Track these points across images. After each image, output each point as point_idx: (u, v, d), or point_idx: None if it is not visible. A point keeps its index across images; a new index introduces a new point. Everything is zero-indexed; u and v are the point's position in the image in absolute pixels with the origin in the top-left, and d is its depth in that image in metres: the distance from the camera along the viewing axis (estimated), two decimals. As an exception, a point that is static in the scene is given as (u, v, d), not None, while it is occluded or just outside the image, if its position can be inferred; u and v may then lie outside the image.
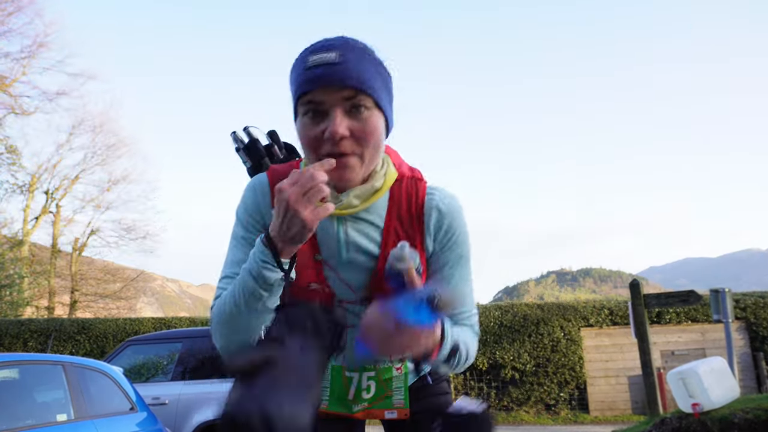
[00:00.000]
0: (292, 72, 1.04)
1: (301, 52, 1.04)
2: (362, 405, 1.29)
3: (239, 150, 1.47)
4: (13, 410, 3.41)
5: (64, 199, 22.03)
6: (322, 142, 1.00)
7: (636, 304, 6.36)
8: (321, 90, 0.99)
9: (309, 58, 1.00)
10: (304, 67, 1.00)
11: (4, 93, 19.57)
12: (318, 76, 0.98)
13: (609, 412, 11.30)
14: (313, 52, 1.01)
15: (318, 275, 1.13)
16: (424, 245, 1.15)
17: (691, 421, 4.54)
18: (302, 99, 1.01)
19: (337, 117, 0.98)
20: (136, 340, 6.23)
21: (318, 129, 1.00)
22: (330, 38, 1.03)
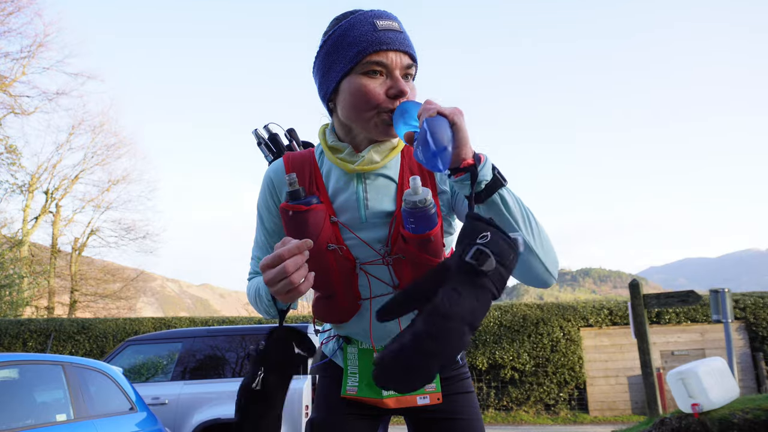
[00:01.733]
0: (351, 31, 1.10)
1: (358, 14, 1.12)
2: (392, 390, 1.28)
3: (260, 144, 1.52)
4: (12, 410, 3.41)
5: (64, 199, 22.04)
6: (383, 100, 1.09)
7: (635, 304, 6.36)
8: (391, 52, 1.08)
9: (377, 22, 1.09)
10: (373, 28, 1.09)
11: (4, 93, 19.58)
12: (391, 39, 1.08)
13: (609, 413, 11.30)
14: (379, 17, 1.10)
15: (336, 237, 1.17)
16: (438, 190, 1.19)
17: (691, 421, 4.54)
18: (369, 58, 1.08)
19: (400, 80, 1.09)
20: (135, 340, 6.23)
21: (380, 88, 1.09)
22: (382, 10, 1.13)
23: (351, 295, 1.22)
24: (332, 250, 1.16)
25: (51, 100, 20.64)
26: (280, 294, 0.97)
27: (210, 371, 5.80)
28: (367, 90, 1.09)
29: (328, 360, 1.40)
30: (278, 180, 1.24)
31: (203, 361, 5.88)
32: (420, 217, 1.06)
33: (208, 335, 6.05)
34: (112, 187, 22.43)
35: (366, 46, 1.08)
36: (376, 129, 1.12)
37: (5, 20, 19.29)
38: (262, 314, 1.23)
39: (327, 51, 1.14)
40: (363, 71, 1.09)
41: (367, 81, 1.09)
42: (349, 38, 1.10)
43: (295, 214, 1.13)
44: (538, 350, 11.66)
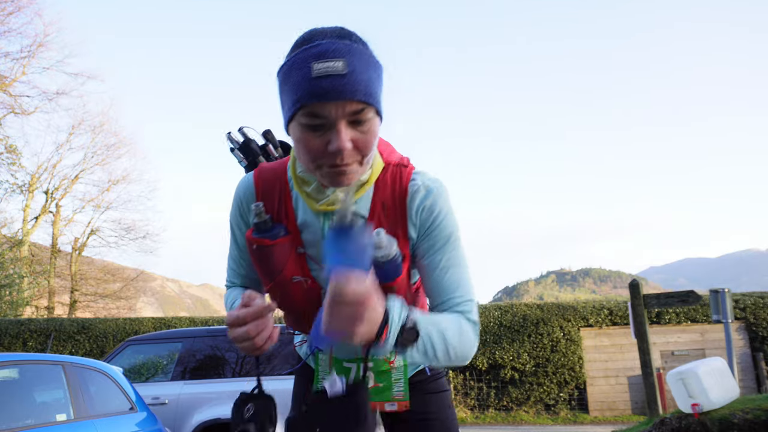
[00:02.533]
0: (291, 74, 0.96)
1: (300, 51, 0.95)
2: None
3: (233, 150, 1.48)
4: (12, 410, 3.41)
5: (64, 199, 22.06)
6: (324, 154, 0.97)
7: (636, 305, 6.36)
8: (328, 104, 0.93)
9: (314, 66, 0.93)
10: (308, 75, 0.93)
11: (4, 93, 19.59)
12: (326, 90, 0.92)
13: (609, 413, 11.30)
14: (317, 58, 0.93)
15: (303, 268, 1.14)
16: (408, 231, 1.12)
17: (691, 421, 4.54)
18: (304, 109, 0.95)
19: (342, 132, 0.95)
20: (135, 339, 6.23)
21: (320, 141, 0.97)
22: (333, 41, 0.95)
23: (311, 312, 1.19)
24: (298, 283, 1.14)
25: (51, 100, 20.67)
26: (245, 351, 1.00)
27: (210, 371, 5.80)
28: (305, 145, 0.98)
29: (303, 362, 1.43)
30: (247, 200, 1.18)
31: (203, 361, 5.88)
32: (383, 270, 1.03)
33: (208, 335, 6.04)
34: (112, 187, 22.45)
35: (301, 97, 0.94)
36: (325, 180, 1.02)
37: (5, 20, 19.31)
38: None
39: (278, 85, 1.02)
40: (302, 123, 0.96)
41: (306, 134, 0.97)
42: (289, 81, 0.97)
43: (260, 247, 1.10)
44: (538, 350, 11.66)
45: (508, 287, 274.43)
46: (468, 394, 11.66)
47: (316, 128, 0.96)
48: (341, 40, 0.95)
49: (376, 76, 0.98)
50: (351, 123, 0.96)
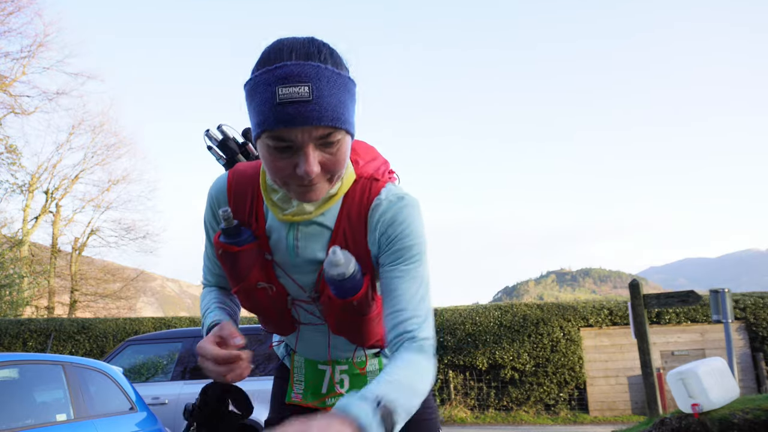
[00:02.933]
0: (255, 95, 0.92)
1: (265, 71, 0.91)
2: (337, 399, 1.28)
3: (210, 149, 1.47)
4: (12, 410, 3.41)
5: (64, 199, 22.06)
6: (291, 174, 0.95)
7: (636, 305, 6.36)
8: (294, 129, 0.90)
9: (278, 91, 0.89)
10: (273, 100, 0.89)
11: (4, 93, 19.59)
12: (291, 116, 0.89)
13: (609, 413, 11.31)
14: (282, 82, 0.89)
15: (268, 275, 1.13)
16: (368, 244, 1.09)
17: (691, 421, 4.54)
18: (269, 133, 0.91)
19: (310, 156, 0.92)
20: (135, 339, 6.23)
21: (287, 163, 0.94)
22: (299, 64, 0.90)
23: (286, 321, 1.23)
24: (263, 289, 1.14)
25: (51, 100, 20.67)
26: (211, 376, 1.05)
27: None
28: (272, 165, 0.95)
29: (281, 362, 1.44)
30: (219, 201, 1.16)
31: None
32: (341, 287, 1.04)
33: (208, 335, 6.05)
34: (112, 187, 22.46)
35: (265, 121, 0.91)
36: (293, 195, 1.01)
37: (5, 20, 19.31)
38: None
39: (245, 98, 0.98)
40: (267, 144, 0.93)
41: (273, 155, 0.94)
42: (254, 102, 0.93)
43: (226, 253, 1.09)
44: (538, 350, 11.65)
45: (508, 287, 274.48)
46: (468, 394, 11.66)
47: (282, 150, 0.93)
48: (308, 61, 0.90)
49: (346, 97, 0.94)
50: (319, 146, 0.93)
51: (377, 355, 1.33)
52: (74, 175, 21.92)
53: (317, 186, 0.98)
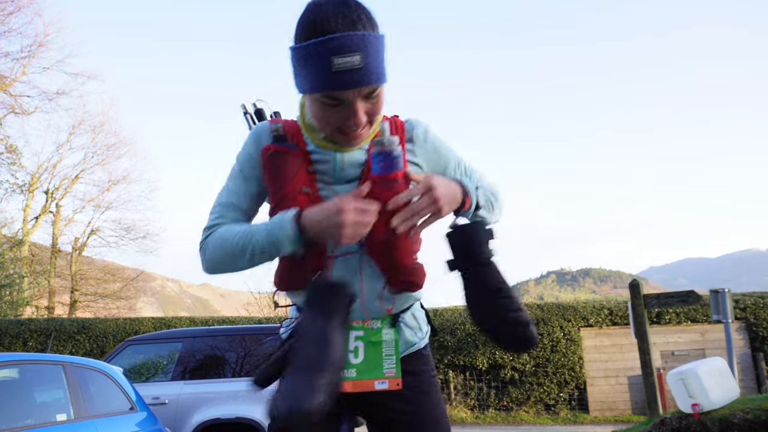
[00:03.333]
0: (308, 62, 1.06)
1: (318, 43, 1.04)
2: (350, 371, 1.25)
3: (246, 114, 1.55)
4: (12, 410, 3.41)
5: (64, 199, 22.06)
6: (340, 124, 1.13)
7: (636, 305, 6.36)
8: (347, 91, 1.07)
9: (334, 61, 1.03)
10: (329, 68, 1.04)
11: (4, 93, 19.59)
12: (345, 82, 1.05)
13: (609, 413, 11.30)
14: (336, 53, 1.03)
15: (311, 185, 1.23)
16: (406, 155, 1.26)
17: (691, 421, 4.54)
18: (323, 93, 1.08)
19: (359, 110, 1.10)
20: (136, 339, 6.23)
21: (338, 116, 1.11)
22: (349, 35, 1.03)
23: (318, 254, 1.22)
24: (306, 194, 1.20)
25: (51, 100, 20.68)
26: (348, 233, 1.08)
27: (210, 371, 5.80)
28: (325, 117, 1.12)
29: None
30: (262, 138, 1.26)
31: (203, 361, 5.88)
32: (386, 158, 1.14)
33: (208, 335, 6.04)
34: (112, 187, 22.46)
35: (321, 85, 1.06)
36: (339, 140, 1.18)
37: (6, 20, 19.31)
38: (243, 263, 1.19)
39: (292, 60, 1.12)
40: (320, 101, 1.10)
41: (324, 110, 1.11)
42: (308, 68, 1.07)
43: (276, 154, 1.20)
44: (538, 350, 11.65)
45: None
46: (468, 394, 11.65)
47: (334, 106, 1.10)
48: (355, 30, 1.05)
49: (384, 54, 1.10)
50: (364, 99, 1.11)
51: (394, 325, 1.31)
52: (74, 175, 21.94)
53: (362, 133, 1.16)
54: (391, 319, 1.31)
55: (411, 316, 1.36)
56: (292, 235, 1.11)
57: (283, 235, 1.12)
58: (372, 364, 1.26)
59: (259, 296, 18.84)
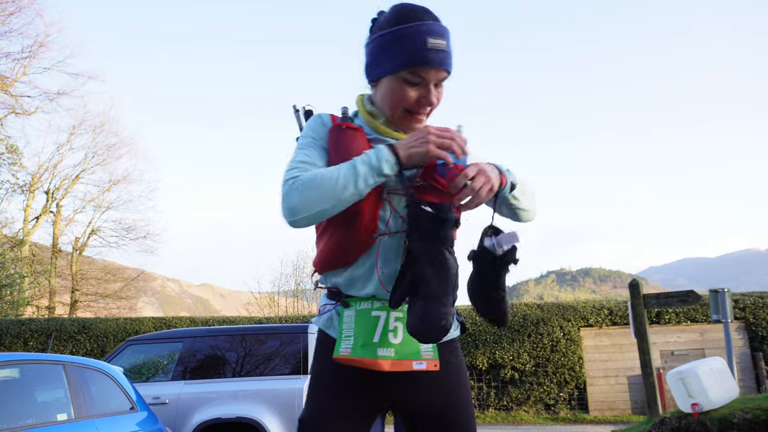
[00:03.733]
0: (403, 41, 1.27)
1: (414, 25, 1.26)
2: (389, 351, 1.27)
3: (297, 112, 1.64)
4: (13, 410, 3.42)
5: (65, 199, 22.08)
6: (413, 103, 1.32)
7: (635, 304, 6.36)
8: (432, 69, 1.28)
9: (428, 40, 1.25)
10: (423, 45, 1.25)
11: (5, 93, 19.59)
12: (435, 60, 1.27)
13: (608, 412, 11.31)
14: (431, 35, 1.26)
15: None
16: None
17: (691, 421, 4.54)
18: (413, 70, 1.28)
19: (433, 91, 1.32)
20: (136, 339, 6.24)
21: (414, 94, 1.31)
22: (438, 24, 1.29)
23: (370, 222, 1.29)
24: None
25: (52, 100, 20.68)
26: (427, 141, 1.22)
27: (210, 371, 5.80)
28: (403, 94, 1.31)
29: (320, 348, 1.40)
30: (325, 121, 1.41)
31: (204, 361, 5.89)
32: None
33: (208, 335, 6.05)
34: (112, 187, 22.47)
35: (414, 61, 1.26)
36: (402, 122, 1.37)
37: (6, 20, 19.31)
38: (339, 194, 1.23)
39: (379, 45, 1.32)
40: (404, 78, 1.29)
41: (406, 87, 1.31)
42: (401, 46, 1.27)
43: (346, 129, 1.35)
44: (538, 350, 11.66)
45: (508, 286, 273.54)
46: (468, 393, 11.66)
47: (414, 84, 1.30)
48: (440, 22, 1.31)
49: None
50: (435, 85, 1.32)
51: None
52: (75, 175, 21.95)
53: (423, 119, 1.38)
54: None
55: None
56: (390, 156, 1.23)
57: (383, 157, 1.23)
58: (410, 345, 1.29)
59: (259, 296, 18.86)
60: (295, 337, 5.77)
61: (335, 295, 1.37)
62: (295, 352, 5.69)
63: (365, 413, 1.33)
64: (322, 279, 1.42)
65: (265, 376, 5.60)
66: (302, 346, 5.69)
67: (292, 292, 19.32)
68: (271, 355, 5.75)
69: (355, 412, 1.32)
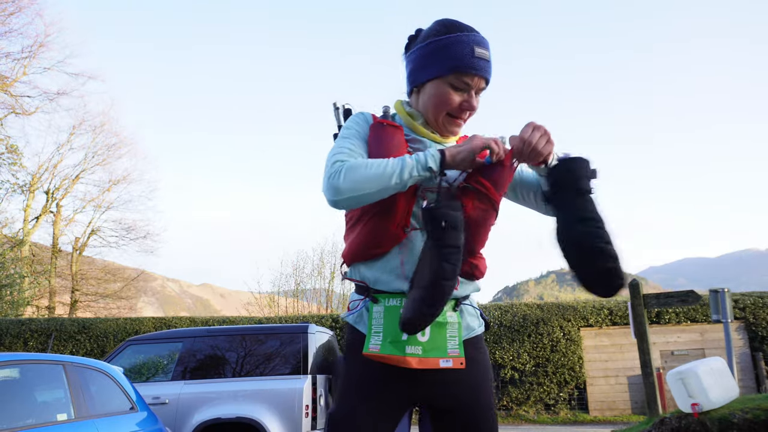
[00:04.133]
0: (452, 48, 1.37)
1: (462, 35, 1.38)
2: (416, 348, 1.30)
3: (338, 109, 1.69)
4: (13, 410, 3.42)
5: (65, 199, 22.06)
6: (456, 107, 1.42)
7: (635, 304, 6.36)
8: (477, 77, 1.39)
9: (475, 48, 1.37)
10: (471, 53, 1.36)
11: (5, 93, 19.58)
12: (480, 68, 1.38)
13: (608, 412, 11.30)
14: (478, 45, 1.38)
15: None
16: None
17: (691, 421, 4.54)
18: (460, 76, 1.38)
19: (474, 97, 1.43)
20: (136, 339, 6.24)
21: (459, 98, 1.41)
22: (482, 36, 1.41)
23: (404, 217, 1.35)
24: None
25: (52, 100, 20.66)
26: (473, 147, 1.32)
27: (210, 371, 5.80)
28: (448, 98, 1.41)
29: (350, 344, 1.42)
30: (367, 117, 1.48)
31: (204, 361, 5.88)
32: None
33: (208, 335, 6.05)
34: (112, 187, 22.45)
35: (461, 66, 1.37)
36: (443, 126, 1.46)
37: (6, 20, 19.31)
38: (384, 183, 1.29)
39: (426, 52, 1.41)
40: (450, 82, 1.39)
41: (451, 91, 1.41)
42: (449, 52, 1.37)
43: (386, 126, 1.42)
44: (538, 350, 11.66)
45: (508, 287, 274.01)
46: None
47: (458, 89, 1.40)
48: (483, 37, 1.41)
49: None
50: (475, 93, 1.43)
51: (456, 309, 1.39)
52: (75, 175, 21.93)
53: (462, 123, 1.48)
54: (454, 304, 1.39)
55: (471, 304, 1.47)
56: (437, 153, 1.31)
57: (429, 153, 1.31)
58: (437, 343, 1.33)
59: (259, 296, 18.85)
60: (295, 337, 5.77)
61: (364, 290, 1.41)
62: (295, 352, 5.68)
63: (393, 410, 1.36)
64: (351, 272, 1.46)
65: (265, 376, 5.60)
66: (302, 346, 5.69)
67: (292, 292, 19.30)
68: (271, 355, 5.75)
69: (383, 408, 1.35)
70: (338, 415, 1.35)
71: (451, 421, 1.38)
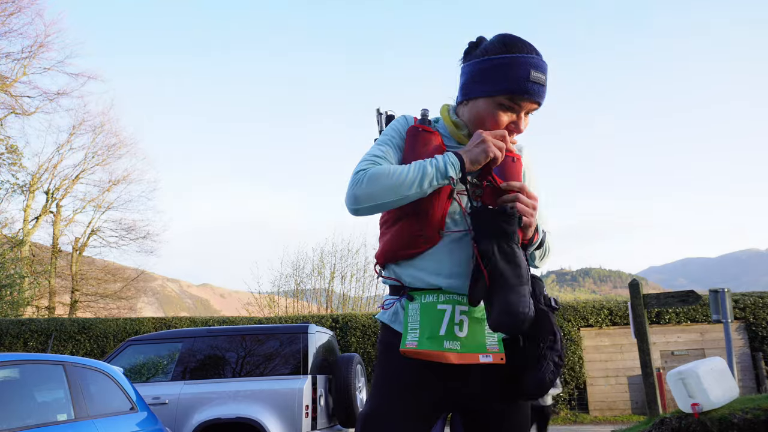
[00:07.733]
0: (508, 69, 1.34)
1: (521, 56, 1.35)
2: (455, 344, 1.29)
3: (381, 114, 1.71)
4: (13, 410, 3.42)
5: (65, 199, 22.06)
6: (501, 127, 1.39)
7: (635, 304, 6.36)
8: (529, 101, 1.37)
9: (531, 72, 1.34)
10: (527, 76, 1.34)
11: (4, 93, 19.59)
12: (534, 92, 1.35)
13: (609, 412, 11.30)
14: (535, 68, 1.35)
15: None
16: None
17: (691, 421, 4.54)
18: (512, 97, 1.36)
19: (523, 119, 1.42)
20: (136, 340, 6.23)
21: (506, 119, 1.40)
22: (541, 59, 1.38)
23: (441, 220, 1.36)
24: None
25: (52, 101, 20.66)
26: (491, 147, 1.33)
27: (210, 371, 5.80)
28: (496, 119, 1.39)
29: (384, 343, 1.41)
30: (410, 119, 1.50)
31: (203, 361, 5.88)
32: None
33: (208, 335, 6.04)
34: (112, 187, 22.45)
35: (515, 89, 1.34)
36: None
37: (6, 21, 19.31)
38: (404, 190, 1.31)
39: (483, 68, 1.39)
40: (500, 102, 1.38)
41: (500, 112, 1.39)
42: (505, 73, 1.35)
43: (422, 131, 1.43)
44: (538, 350, 11.64)
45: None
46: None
47: (508, 109, 1.39)
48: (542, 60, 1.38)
49: None
50: (526, 113, 1.42)
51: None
52: (75, 175, 21.93)
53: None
54: None
55: None
56: (456, 160, 1.32)
57: (448, 160, 1.32)
58: (476, 338, 1.32)
59: (259, 296, 18.84)
60: (295, 337, 5.77)
61: (398, 290, 1.41)
62: (295, 352, 5.68)
63: (427, 411, 1.35)
64: (385, 272, 1.46)
65: (265, 376, 5.60)
66: (302, 346, 5.69)
67: (292, 292, 19.29)
68: (271, 355, 5.75)
69: (416, 410, 1.33)
70: (371, 414, 1.34)
71: (485, 420, 1.38)
